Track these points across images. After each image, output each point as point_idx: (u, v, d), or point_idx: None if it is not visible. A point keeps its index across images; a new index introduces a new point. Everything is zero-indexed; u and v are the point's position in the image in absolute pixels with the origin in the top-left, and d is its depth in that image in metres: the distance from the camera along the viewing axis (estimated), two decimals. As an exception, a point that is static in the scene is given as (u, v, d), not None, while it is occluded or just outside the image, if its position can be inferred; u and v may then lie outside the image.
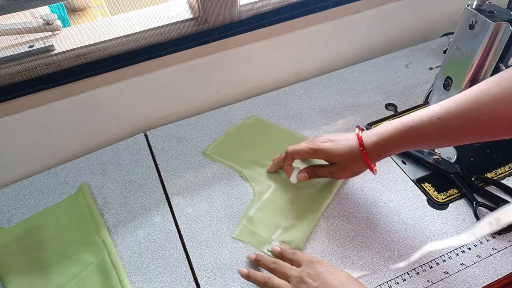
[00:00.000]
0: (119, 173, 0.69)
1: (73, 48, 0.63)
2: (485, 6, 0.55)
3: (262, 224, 0.60)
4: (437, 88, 0.65)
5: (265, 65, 0.81)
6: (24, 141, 0.68)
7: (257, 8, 0.72)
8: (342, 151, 0.56)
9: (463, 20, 0.56)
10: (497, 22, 0.52)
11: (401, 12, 0.86)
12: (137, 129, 0.77)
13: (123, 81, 0.69)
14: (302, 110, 0.78)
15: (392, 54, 0.89)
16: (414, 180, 0.65)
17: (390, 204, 0.62)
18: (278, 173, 0.67)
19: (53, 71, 0.63)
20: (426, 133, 0.50)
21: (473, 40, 0.55)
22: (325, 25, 0.80)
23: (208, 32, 0.71)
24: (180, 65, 0.72)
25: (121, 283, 0.54)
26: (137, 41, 0.66)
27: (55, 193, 0.67)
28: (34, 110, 0.65)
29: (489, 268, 0.54)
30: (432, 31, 0.95)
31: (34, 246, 0.60)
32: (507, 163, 0.66)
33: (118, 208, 0.64)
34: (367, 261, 0.56)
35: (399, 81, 0.83)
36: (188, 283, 0.55)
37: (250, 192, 0.65)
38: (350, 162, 0.56)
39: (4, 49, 0.60)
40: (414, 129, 0.51)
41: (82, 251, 0.58)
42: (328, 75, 0.85)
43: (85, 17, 1.35)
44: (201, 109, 0.80)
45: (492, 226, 0.52)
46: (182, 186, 0.66)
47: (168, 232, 0.60)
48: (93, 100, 0.69)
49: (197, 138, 0.74)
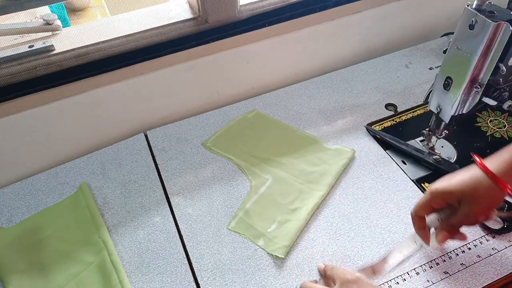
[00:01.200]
0: (119, 173, 0.69)
1: (73, 48, 0.63)
2: (485, 6, 0.54)
3: (258, 217, 0.61)
4: (437, 88, 0.65)
5: (265, 65, 0.81)
6: (24, 141, 0.68)
7: (257, 8, 0.72)
8: (460, 181, 0.49)
9: (463, 20, 0.56)
10: (497, 22, 0.52)
11: (401, 12, 0.86)
12: (137, 129, 0.77)
13: (123, 81, 0.69)
14: (302, 110, 0.78)
15: (392, 54, 0.89)
16: (414, 180, 0.65)
17: (390, 204, 0.62)
18: (276, 167, 0.67)
19: (53, 71, 0.63)
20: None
21: (473, 40, 0.55)
22: (325, 25, 0.80)
23: (208, 32, 0.71)
24: (180, 65, 0.72)
25: (121, 283, 0.54)
26: (137, 41, 0.66)
27: (55, 193, 0.67)
28: (34, 110, 0.65)
29: (489, 268, 0.54)
30: (432, 31, 0.95)
31: (34, 246, 0.60)
32: (507, 163, 0.66)
33: (118, 208, 0.64)
34: (367, 261, 0.56)
35: (399, 81, 0.83)
36: (188, 283, 0.55)
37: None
38: (477, 192, 0.48)
39: (4, 49, 0.60)
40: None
41: (82, 251, 0.58)
42: (328, 75, 0.85)
43: (85, 17, 1.35)
44: (201, 109, 0.80)
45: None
46: (182, 186, 0.66)
47: (168, 232, 0.60)
48: (93, 100, 0.69)
49: (197, 138, 0.74)
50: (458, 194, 0.48)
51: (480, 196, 0.47)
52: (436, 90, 0.66)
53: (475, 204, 0.48)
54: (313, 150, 0.70)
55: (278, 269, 0.55)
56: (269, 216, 0.61)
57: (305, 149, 0.70)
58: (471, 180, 0.48)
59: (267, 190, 0.64)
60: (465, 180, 0.48)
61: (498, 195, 0.47)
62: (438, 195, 0.50)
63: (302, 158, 0.69)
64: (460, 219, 0.49)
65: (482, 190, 0.47)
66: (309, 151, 0.70)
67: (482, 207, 0.48)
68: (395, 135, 0.71)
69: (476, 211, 0.48)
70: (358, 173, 0.67)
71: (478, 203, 0.48)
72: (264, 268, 0.55)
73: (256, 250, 0.57)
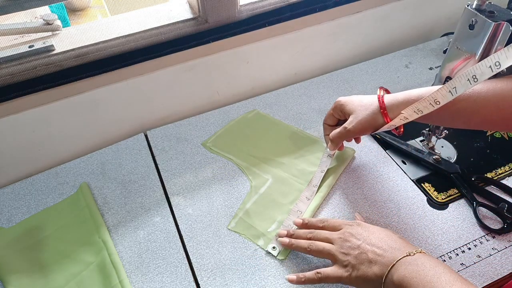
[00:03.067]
0: (119, 173, 0.69)
1: (73, 48, 0.63)
2: (485, 6, 0.54)
3: (258, 217, 0.61)
4: (437, 88, 0.65)
5: (265, 65, 0.81)
6: (24, 141, 0.68)
7: (257, 8, 0.72)
8: (357, 101, 0.58)
9: (463, 20, 0.56)
10: (497, 22, 0.52)
11: (401, 12, 0.87)
12: (137, 129, 0.77)
13: (123, 81, 0.69)
14: (302, 110, 0.78)
15: (392, 54, 0.89)
16: (414, 180, 0.65)
17: (390, 204, 0.62)
18: (276, 167, 0.67)
19: (53, 71, 0.63)
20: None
21: (473, 40, 0.55)
22: (325, 25, 0.80)
23: (208, 32, 0.71)
24: (180, 65, 0.72)
25: (121, 283, 0.54)
26: (137, 41, 0.66)
27: (55, 193, 0.67)
28: (34, 110, 0.65)
29: (489, 268, 0.54)
30: (432, 31, 0.95)
31: (34, 246, 0.60)
32: (507, 163, 0.66)
33: (118, 208, 0.64)
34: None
35: (399, 81, 0.83)
36: (188, 283, 0.55)
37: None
38: (366, 113, 0.56)
39: (4, 49, 0.60)
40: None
41: (82, 251, 0.58)
42: (328, 75, 0.85)
43: (85, 17, 1.35)
44: (201, 109, 0.80)
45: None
46: (182, 186, 0.66)
47: (168, 232, 0.60)
48: (93, 100, 0.69)
49: (197, 138, 0.74)
50: (351, 108, 0.58)
51: (364, 117, 0.56)
52: (436, 90, 0.65)
53: (357, 122, 0.57)
54: (313, 150, 0.70)
55: (278, 269, 0.55)
56: (269, 216, 0.61)
57: (305, 149, 0.70)
58: (367, 102, 0.57)
59: (267, 190, 0.64)
60: (362, 101, 0.57)
61: (379, 123, 0.55)
62: (338, 107, 0.60)
63: (302, 158, 0.69)
64: (340, 130, 0.59)
65: (369, 114, 0.56)
66: (309, 151, 0.70)
67: (361, 127, 0.57)
68: (395, 135, 0.71)
69: (355, 128, 0.57)
70: (358, 173, 0.67)
71: (360, 122, 0.56)
72: (264, 268, 0.55)
73: (256, 250, 0.57)
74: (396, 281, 0.44)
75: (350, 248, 0.49)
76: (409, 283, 0.43)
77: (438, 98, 0.49)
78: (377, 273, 0.46)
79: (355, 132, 0.57)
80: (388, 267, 0.45)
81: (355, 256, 0.48)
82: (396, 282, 0.44)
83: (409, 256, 0.45)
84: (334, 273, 0.49)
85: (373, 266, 0.46)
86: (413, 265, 0.44)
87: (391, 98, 0.55)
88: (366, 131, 0.57)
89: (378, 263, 0.46)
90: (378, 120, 0.55)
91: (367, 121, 0.56)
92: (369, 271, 0.46)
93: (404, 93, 0.55)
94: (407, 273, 0.44)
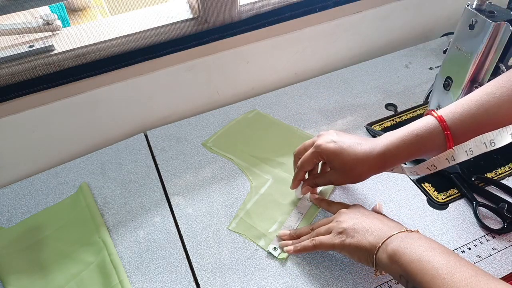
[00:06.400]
0: (119, 173, 0.69)
1: (73, 48, 0.63)
2: (485, 6, 0.55)
3: (258, 217, 0.61)
4: (437, 88, 0.65)
5: (265, 65, 0.81)
6: (24, 141, 0.68)
7: (257, 8, 0.72)
8: (352, 154, 0.52)
9: (463, 20, 0.56)
10: (497, 22, 0.52)
11: (401, 12, 0.87)
12: (137, 129, 0.77)
13: (123, 81, 0.69)
14: (302, 110, 0.78)
15: (392, 54, 0.89)
16: (414, 180, 0.65)
17: (390, 204, 0.62)
18: (276, 167, 0.67)
19: (53, 71, 0.63)
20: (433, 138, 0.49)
21: (473, 40, 0.55)
22: (325, 25, 0.80)
23: (208, 32, 0.71)
24: (180, 65, 0.72)
25: (121, 283, 0.54)
26: (137, 41, 0.66)
27: (55, 193, 0.67)
28: (34, 110, 0.65)
29: (489, 268, 0.54)
30: (432, 31, 0.95)
31: (34, 246, 0.60)
32: (507, 163, 0.66)
33: (118, 208, 0.64)
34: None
35: (399, 81, 0.83)
36: (188, 283, 0.55)
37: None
38: (355, 167, 0.52)
39: (4, 49, 0.60)
40: (421, 137, 0.50)
41: (82, 251, 0.58)
42: (328, 75, 0.85)
43: (85, 17, 1.35)
44: (201, 109, 0.80)
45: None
46: (182, 186, 0.66)
47: (168, 232, 0.60)
48: (93, 100, 0.69)
49: (197, 138, 0.74)
50: (344, 161, 0.52)
51: (351, 172, 0.53)
52: (436, 90, 0.66)
53: (344, 177, 0.54)
54: (313, 150, 0.70)
55: (278, 269, 0.55)
56: (270, 217, 0.61)
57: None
58: (364, 152, 0.52)
59: (268, 190, 0.64)
60: (357, 154, 0.52)
61: (363, 176, 0.53)
62: (321, 153, 0.54)
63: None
64: (325, 183, 0.57)
65: (357, 168, 0.52)
66: (309, 151, 0.70)
67: (346, 181, 0.55)
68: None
69: (340, 182, 0.56)
70: (358, 173, 0.66)
71: (346, 178, 0.54)
72: (264, 268, 0.55)
73: (256, 250, 0.57)
74: (389, 251, 0.45)
75: (348, 218, 0.50)
76: (403, 252, 0.44)
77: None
78: (372, 242, 0.47)
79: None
80: (383, 238, 0.46)
81: (352, 225, 0.49)
82: (389, 252, 0.45)
83: (406, 232, 0.47)
84: (328, 240, 0.50)
85: (369, 236, 0.47)
86: (409, 239, 0.45)
87: (452, 116, 0.49)
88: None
89: (374, 234, 0.47)
90: (386, 165, 0.52)
91: (371, 173, 0.53)
92: (364, 239, 0.47)
93: (466, 109, 0.49)
94: (402, 245, 0.44)
